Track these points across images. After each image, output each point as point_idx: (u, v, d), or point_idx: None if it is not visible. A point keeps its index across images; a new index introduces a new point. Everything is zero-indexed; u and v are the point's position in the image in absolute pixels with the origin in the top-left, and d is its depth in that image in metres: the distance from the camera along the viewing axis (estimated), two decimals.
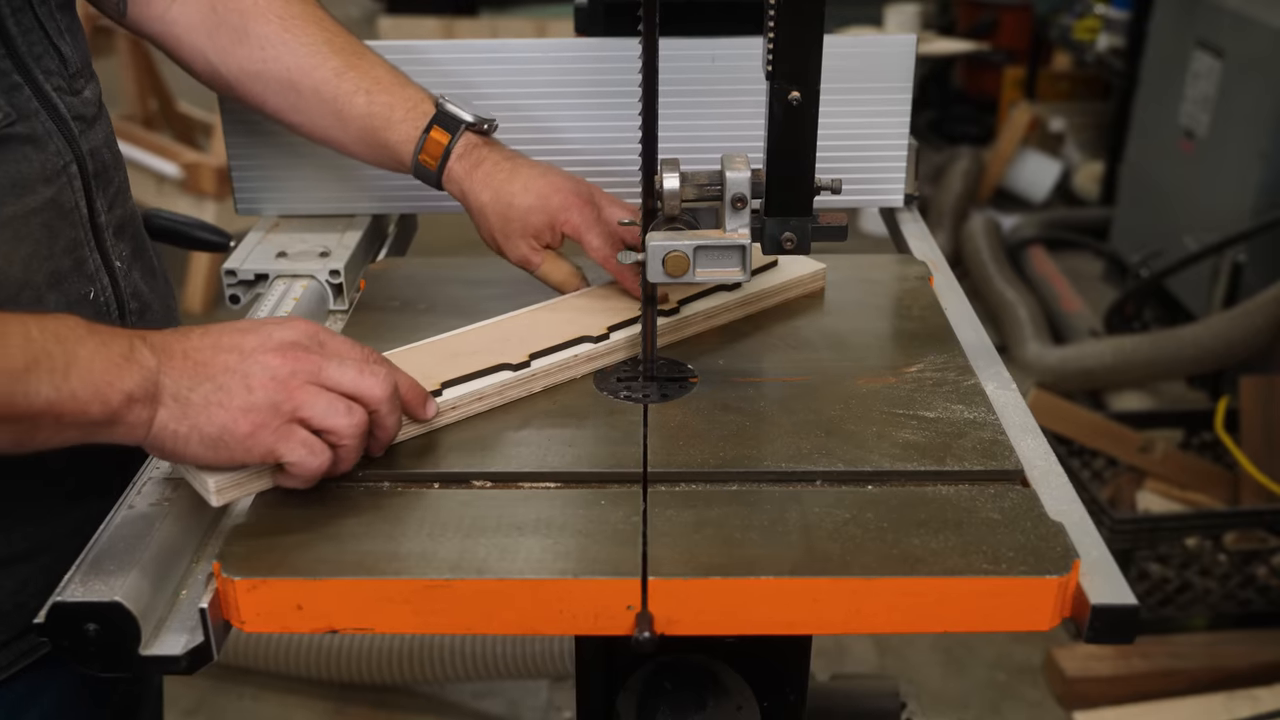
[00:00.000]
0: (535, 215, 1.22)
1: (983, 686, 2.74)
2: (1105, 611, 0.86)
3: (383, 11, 7.35)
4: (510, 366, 1.10)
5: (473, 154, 1.24)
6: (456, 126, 1.24)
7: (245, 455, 0.90)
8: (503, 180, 1.23)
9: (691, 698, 1.10)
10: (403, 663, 2.54)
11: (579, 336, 1.15)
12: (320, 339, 0.95)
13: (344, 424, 0.92)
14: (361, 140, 1.28)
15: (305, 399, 0.91)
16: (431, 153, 1.24)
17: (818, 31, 0.99)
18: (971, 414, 1.07)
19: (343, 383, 0.93)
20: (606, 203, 1.24)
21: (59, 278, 1.06)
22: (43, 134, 1.03)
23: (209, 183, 4.33)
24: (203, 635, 0.87)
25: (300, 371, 0.91)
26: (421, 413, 1.02)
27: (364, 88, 1.25)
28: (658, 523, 0.93)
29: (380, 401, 0.95)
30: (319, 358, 0.93)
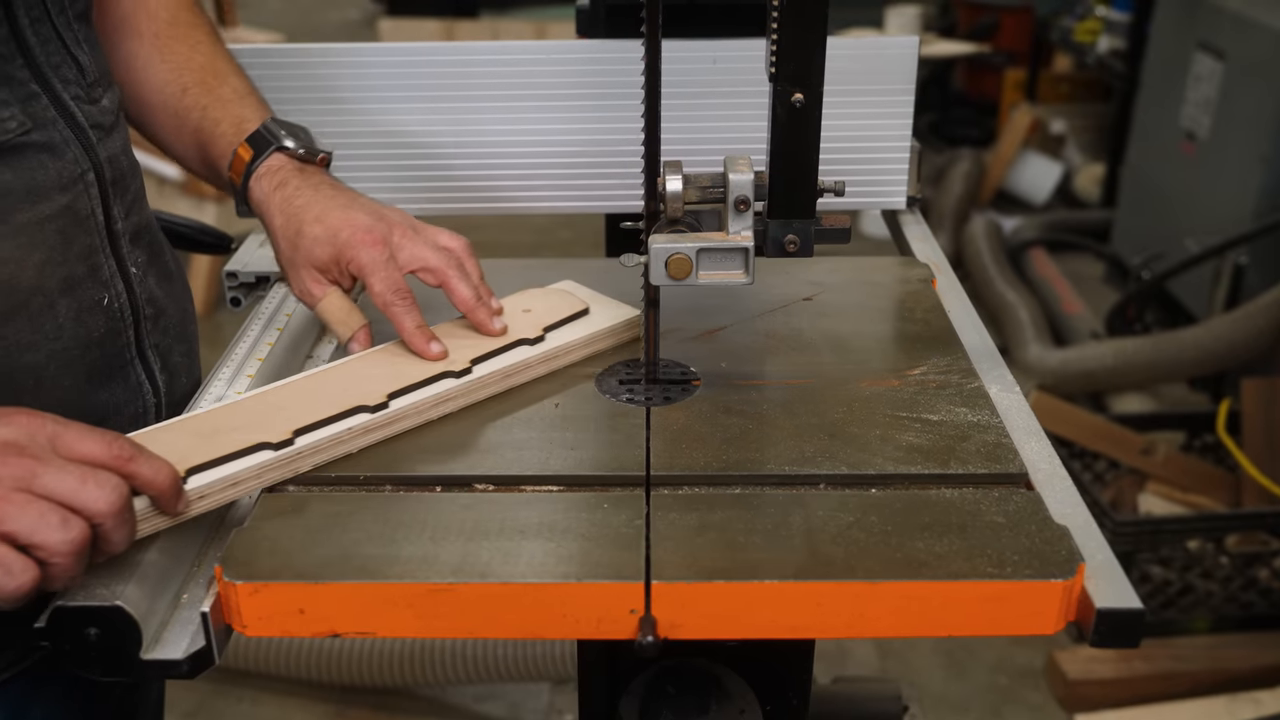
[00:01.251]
0: (321, 247, 1.14)
1: (984, 689, 2.74)
2: (1110, 615, 0.86)
3: (383, 13, 7.36)
4: (271, 445, 0.98)
5: (276, 175, 1.18)
6: (265, 146, 1.19)
7: None
8: (300, 206, 1.16)
9: (694, 702, 1.10)
10: (403, 665, 2.53)
11: (355, 406, 1.04)
12: (49, 434, 0.84)
13: (56, 540, 0.80)
14: (196, 157, 1.26)
15: (9, 511, 0.79)
16: (236, 169, 1.20)
17: (821, 33, 0.98)
18: (975, 417, 1.07)
19: (59, 491, 0.81)
20: (411, 243, 1.15)
21: (72, 284, 1.06)
22: (60, 142, 1.04)
23: (209, 185, 4.33)
24: (204, 639, 0.86)
25: (5, 478, 0.80)
26: (170, 506, 0.89)
27: (202, 104, 1.24)
28: (660, 526, 0.93)
29: (104, 516, 0.82)
30: (32, 462, 0.81)
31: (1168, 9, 4.11)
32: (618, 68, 1.44)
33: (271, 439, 0.98)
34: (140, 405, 1.15)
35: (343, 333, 1.17)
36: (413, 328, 1.12)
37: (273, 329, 1.25)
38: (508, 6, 7.40)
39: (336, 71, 1.46)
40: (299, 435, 1.00)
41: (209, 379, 1.15)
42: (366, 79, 1.47)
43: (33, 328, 1.03)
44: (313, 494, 0.98)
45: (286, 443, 0.99)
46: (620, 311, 1.23)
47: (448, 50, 1.47)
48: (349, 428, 1.02)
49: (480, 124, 1.48)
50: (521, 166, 1.50)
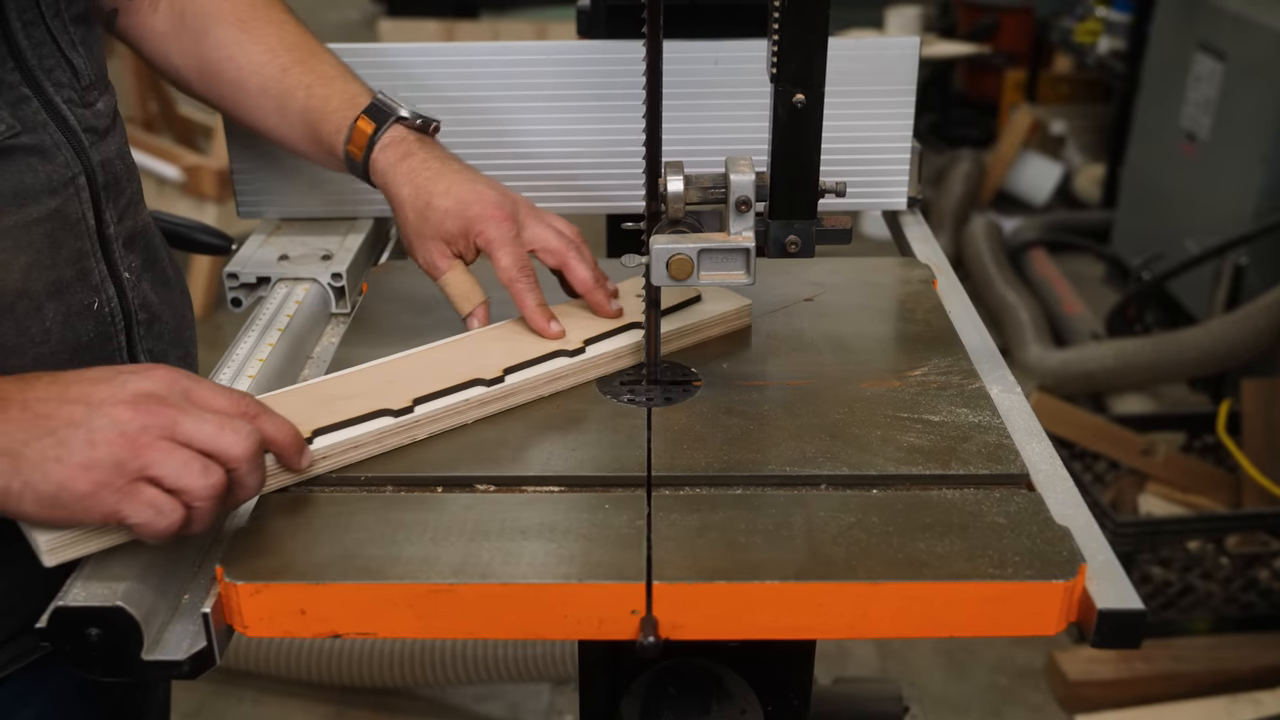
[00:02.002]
0: (451, 220, 1.17)
1: (984, 690, 2.74)
2: (1112, 616, 0.86)
3: (383, 14, 7.35)
4: (391, 412, 1.02)
5: (400, 146, 1.21)
6: (385, 118, 1.21)
7: (85, 515, 0.84)
8: (427, 178, 1.19)
9: (695, 702, 1.10)
10: (404, 666, 2.53)
11: (471, 379, 1.08)
12: (184, 387, 0.88)
13: (199, 485, 0.84)
14: (303, 135, 1.27)
15: (156, 456, 0.84)
16: (357, 142, 1.21)
17: (822, 34, 0.98)
18: (976, 418, 1.07)
19: (199, 438, 0.85)
20: (535, 223, 1.18)
21: (59, 288, 1.06)
22: (50, 145, 1.04)
23: (210, 185, 4.33)
24: (205, 639, 0.86)
25: (152, 426, 0.84)
26: (295, 462, 0.95)
27: (305, 83, 1.25)
28: (662, 527, 0.93)
29: (240, 460, 0.87)
30: (175, 411, 0.86)
31: (1168, 10, 4.11)
32: (619, 68, 1.44)
33: (392, 406, 1.02)
34: None
35: (464, 307, 1.19)
36: (534, 305, 1.15)
37: (274, 329, 1.25)
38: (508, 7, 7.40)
39: None
40: (418, 404, 1.04)
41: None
42: (366, 80, 1.47)
43: (18, 331, 1.03)
44: (314, 494, 0.98)
45: (406, 410, 1.03)
46: (731, 300, 1.24)
47: (448, 51, 1.47)
48: (466, 399, 1.06)
49: (481, 125, 1.48)
50: (522, 167, 1.50)
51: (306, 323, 1.30)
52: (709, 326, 1.22)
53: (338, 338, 1.30)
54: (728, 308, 1.24)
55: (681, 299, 1.23)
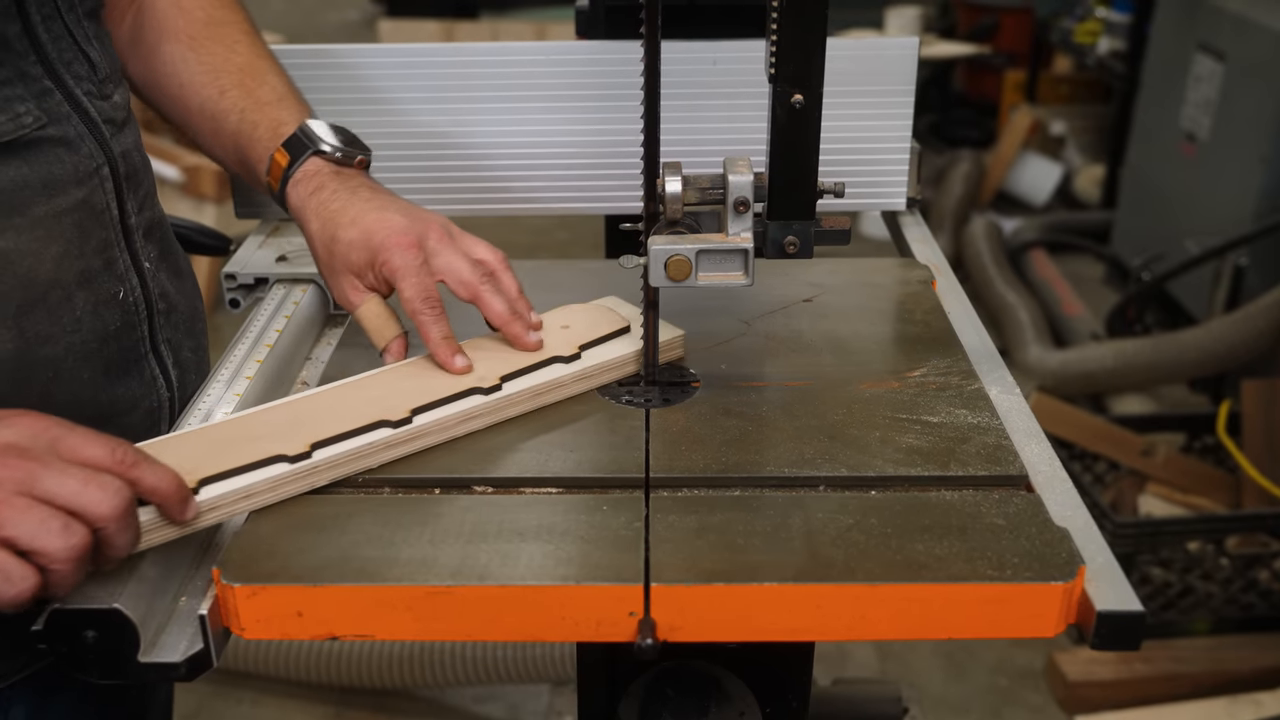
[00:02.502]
0: (356, 251, 1.12)
1: (984, 691, 2.73)
2: (1111, 618, 0.86)
3: (383, 14, 7.35)
4: (287, 458, 0.96)
5: (313, 180, 1.16)
6: (302, 150, 1.17)
7: None
8: (334, 210, 1.14)
9: (694, 704, 1.10)
10: (403, 667, 2.53)
11: (377, 420, 1.01)
12: (51, 437, 0.83)
13: (57, 546, 0.79)
14: (235, 160, 1.25)
15: (9, 515, 0.78)
16: (274, 174, 1.18)
17: (820, 34, 0.98)
18: (975, 419, 1.07)
19: (61, 495, 0.79)
20: (446, 250, 1.12)
21: (89, 277, 1.07)
22: (75, 137, 1.05)
23: (209, 186, 4.33)
24: (202, 642, 0.86)
25: (7, 481, 0.79)
26: (178, 513, 0.88)
27: (240, 107, 1.22)
28: (660, 528, 0.92)
29: (107, 519, 0.81)
30: (35, 465, 0.80)
31: (1168, 10, 4.11)
32: (617, 69, 1.43)
33: (289, 451, 0.96)
34: (155, 399, 1.16)
35: (378, 341, 1.14)
36: (439, 338, 1.09)
37: (271, 330, 1.25)
38: (508, 7, 7.40)
39: (336, 73, 1.46)
40: (316, 449, 0.97)
41: (208, 381, 1.15)
42: (366, 80, 1.47)
43: (51, 320, 1.04)
44: (311, 496, 0.98)
45: (303, 455, 0.96)
46: (663, 331, 1.16)
47: (448, 51, 1.46)
48: (370, 442, 1.00)
49: (480, 125, 1.48)
50: (521, 168, 1.50)
51: (304, 324, 1.30)
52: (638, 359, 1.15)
53: (335, 340, 1.30)
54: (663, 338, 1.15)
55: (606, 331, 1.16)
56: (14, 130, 1.00)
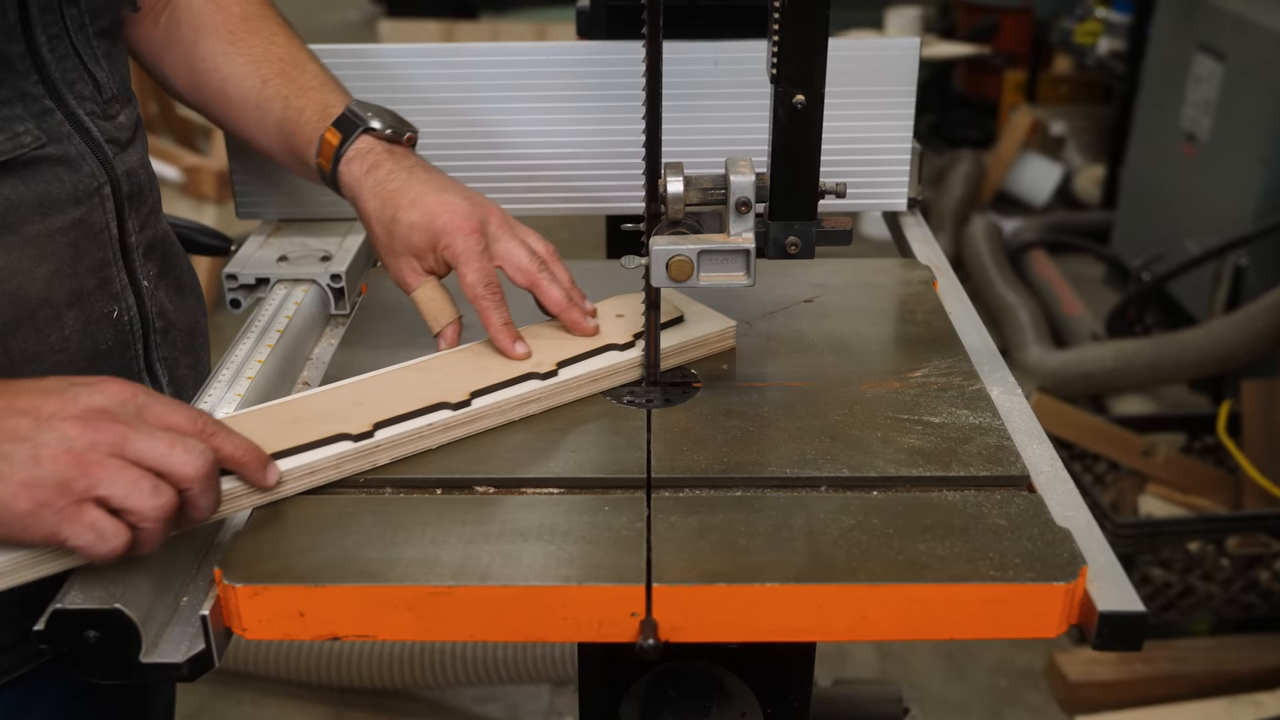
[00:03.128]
0: (417, 234, 1.13)
1: (985, 691, 2.74)
2: (1113, 618, 0.86)
3: (383, 15, 7.35)
4: (350, 437, 0.99)
5: (367, 158, 1.17)
6: (353, 129, 1.18)
7: (24, 535, 0.81)
8: (393, 190, 1.15)
9: (695, 704, 1.10)
10: (403, 667, 2.53)
11: (436, 403, 1.04)
12: (138, 404, 0.86)
13: (148, 505, 0.82)
14: (281, 147, 1.25)
15: (103, 476, 0.81)
16: (325, 154, 1.19)
17: (822, 34, 0.98)
18: (977, 419, 1.07)
19: (149, 456, 0.83)
20: (506, 237, 1.14)
21: (80, 296, 1.06)
22: (76, 156, 1.05)
23: (209, 186, 4.33)
24: (204, 642, 0.86)
25: (100, 443, 0.82)
26: (260, 479, 0.92)
27: (283, 94, 1.23)
28: (661, 529, 0.92)
29: (192, 480, 0.85)
30: (125, 427, 0.83)
31: (1168, 10, 4.11)
32: (618, 69, 1.43)
33: (352, 430, 0.99)
34: None
35: (434, 324, 1.16)
36: (499, 324, 1.11)
37: (272, 331, 1.24)
38: (508, 8, 7.40)
39: (337, 73, 1.45)
40: (379, 429, 1.00)
41: (208, 381, 1.15)
42: (366, 81, 1.47)
43: (39, 339, 1.03)
44: (312, 497, 0.98)
45: (366, 435, 0.99)
46: (715, 322, 1.20)
47: (448, 52, 1.46)
48: (429, 423, 1.03)
49: (480, 126, 1.48)
50: (522, 168, 1.50)
51: (305, 324, 1.30)
52: (690, 349, 1.17)
53: (337, 339, 1.30)
54: (711, 329, 1.19)
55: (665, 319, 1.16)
56: (12, 150, 1.00)
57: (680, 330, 1.18)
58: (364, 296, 1.36)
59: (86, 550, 0.81)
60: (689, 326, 1.19)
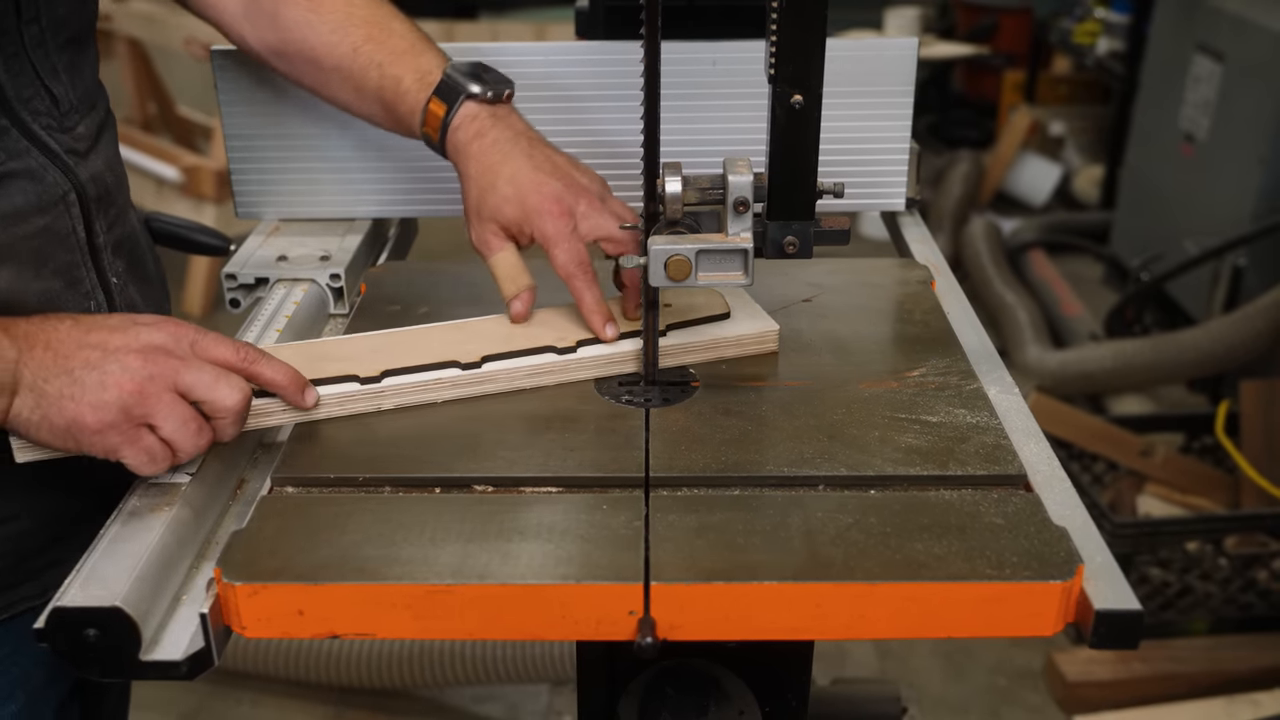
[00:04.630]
0: (509, 206, 1.17)
1: (983, 691, 2.74)
2: (1109, 617, 0.86)
3: None
4: (358, 379, 1.08)
5: (473, 125, 1.20)
6: (456, 97, 1.20)
7: (89, 448, 0.94)
8: (495, 161, 1.19)
9: (693, 703, 1.10)
10: (402, 667, 2.53)
11: (449, 360, 1.11)
12: (190, 339, 0.98)
13: (189, 445, 0.96)
14: (382, 115, 1.28)
15: (158, 409, 0.94)
16: (431, 125, 1.22)
17: (820, 35, 0.98)
18: (974, 418, 1.07)
19: (196, 388, 0.95)
20: (595, 212, 1.17)
21: (50, 297, 1.07)
22: (37, 168, 1.06)
23: (208, 186, 4.33)
24: (203, 640, 0.86)
25: (158, 375, 0.94)
26: (299, 400, 1.04)
27: (377, 61, 1.24)
28: (660, 528, 0.93)
29: (227, 412, 0.97)
30: (179, 362, 0.96)
31: (1166, 11, 4.11)
32: (617, 69, 1.44)
33: (361, 374, 1.08)
34: None
35: (509, 289, 1.19)
36: (592, 302, 1.16)
37: (272, 330, 1.25)
38: (507, 8, 7.40)
39: None
40: (386, 376, 1.08)
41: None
42: None
43: None
44: (312, 495, 0.98)
45: (373, 379, 1.08)
46: (758, 324, 1.21)
47: (448, 51, 1.46)
48: (436, 378, 1.10)
49: None
50: None
51: (305, 323, 1.30)
52: (727, 346, 1.19)
53: None
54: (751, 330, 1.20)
55: (704, 314, 1.20)
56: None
57: (719, 327, 1.20)
58: (363, 296, 1.37)
59: (138, 469, 0.95)
60: (729, 324, 1.20)
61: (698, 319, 1.19)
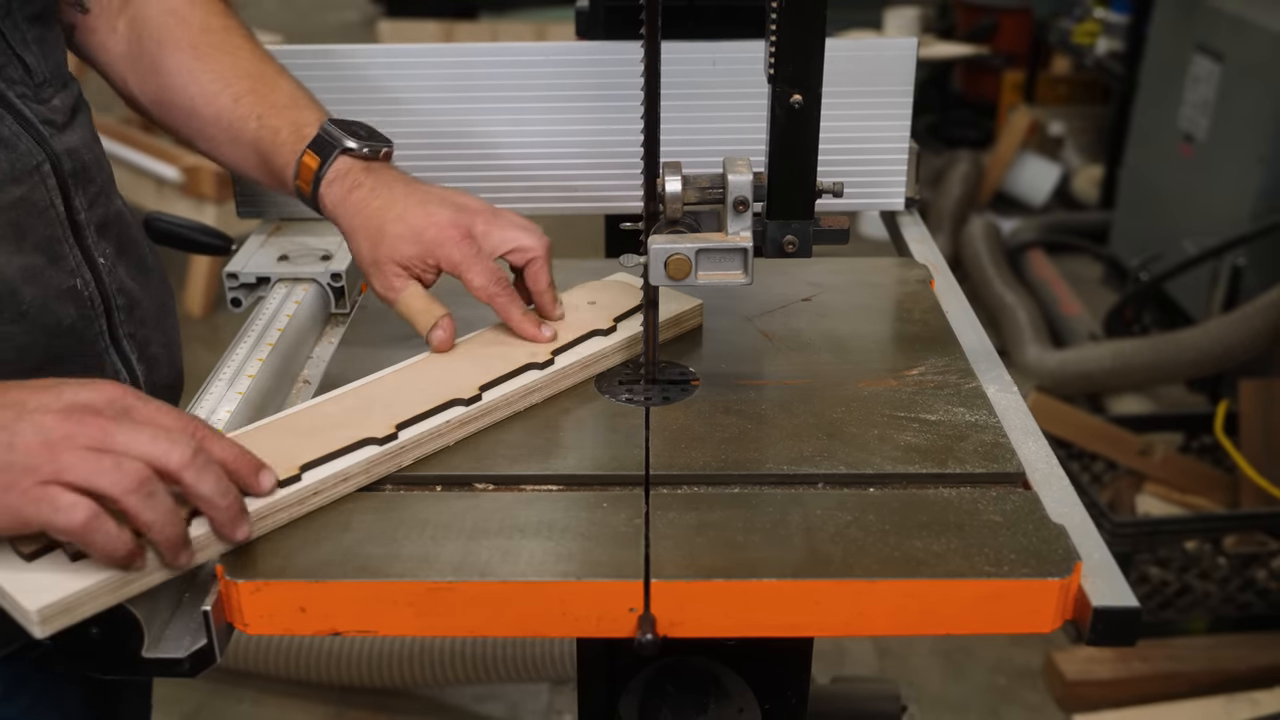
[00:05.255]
0: (405, 245, 1.14)
1: (983, 690, 2.74)
2: (1107, 614, 0.86)
3: (382, 15, 7.35)
4: (376, 440, 1.00)
5: (347, 179, 1.18)
6: (330, 150, 1.18)
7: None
8: (378, 208, 1.16)
9: (693, 700, 1.11)
10: (403, 666, 2.54)
11: (450, 400, 1.06)
12: (126, 405, 0.85)
13: (107, 482, 0.81)
14: (256, 166, 1.25)
15: (70, 461, 0.81)
16: (304, 177, 1.19)
17: (819, 35, 0.99)
18: (973, 417, 1.08)
19: (131, 447, 0.82)
20: (494, 228, 1.16)
21: (33, 272, 1.06)
22: (10, 136, 1.04)
23: (209, 186, 4.33)
24: (206, 638, 0.87)
25: (78, 435, 0.82)
26: (254, 485, 0.91)
27: (256, 113, 1.22)
28: (660, 525, 0.93)
29: (181, 466, 0.84)
30: (107, 422, 0.83)
31: (1166, 11, 4.11)
32: (617, 69, 1.44)
33: (376, 434, 1.00)
34: None
35: (425, 322, 1.16)
36: (520, 316, 1.15)
37: (273, 329, 1.25)
38: (507, 8, 7.40)
39: (335, 73, 1.46)
40: (401, 429, 1.02)
41: (209, 380, 1.15)
42: (366, 81, 1.48)
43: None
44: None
45: (390, 437, 1.01)
46: (681, 302, 1.24)
47: (447, 52, 1.47)
48: (446, 420, 1.04)
49: (479, 126, 1.49)
50: (521, 168, 1.50)
51: (306, 323, 1.30)
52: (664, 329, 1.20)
53: (337, 338, 1.30)
54: (679, 309, 1.23)
55: (631, 305, 1.22)
56: None
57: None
58: (364, 295, 1.37)
59: (49, 525, 0.80)
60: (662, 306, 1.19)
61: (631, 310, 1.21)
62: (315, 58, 1.46)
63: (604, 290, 1.26)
